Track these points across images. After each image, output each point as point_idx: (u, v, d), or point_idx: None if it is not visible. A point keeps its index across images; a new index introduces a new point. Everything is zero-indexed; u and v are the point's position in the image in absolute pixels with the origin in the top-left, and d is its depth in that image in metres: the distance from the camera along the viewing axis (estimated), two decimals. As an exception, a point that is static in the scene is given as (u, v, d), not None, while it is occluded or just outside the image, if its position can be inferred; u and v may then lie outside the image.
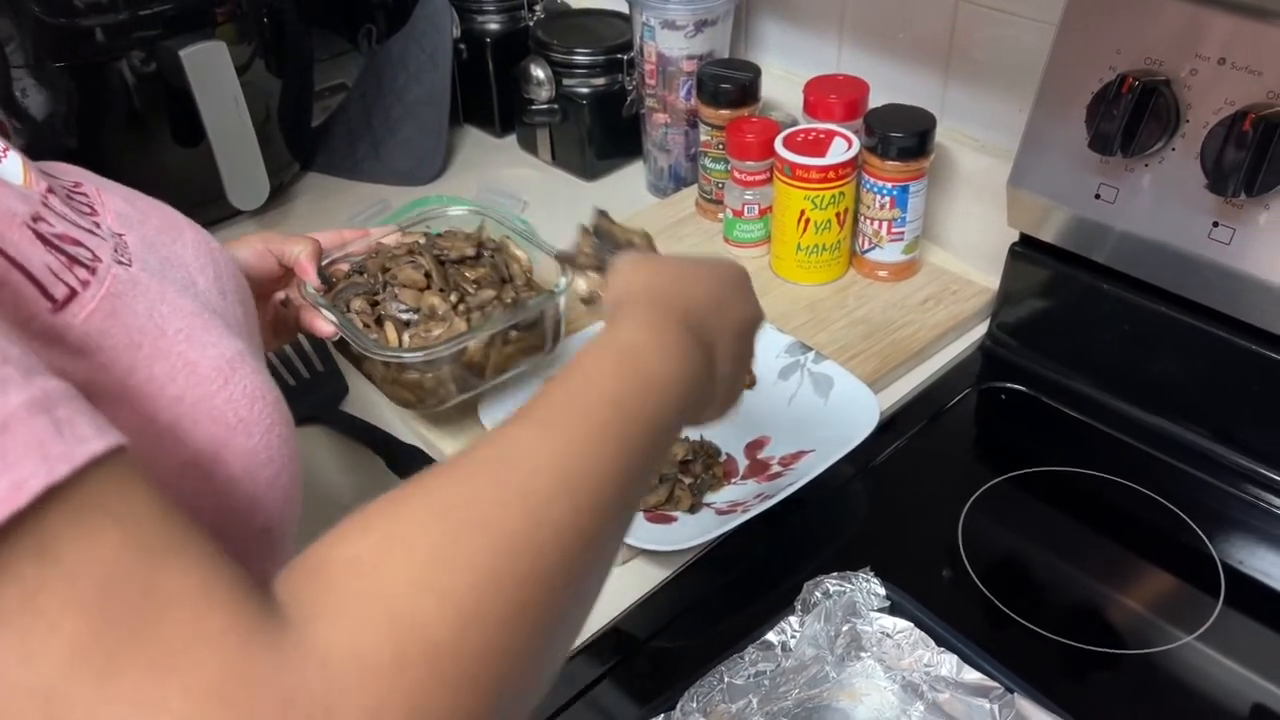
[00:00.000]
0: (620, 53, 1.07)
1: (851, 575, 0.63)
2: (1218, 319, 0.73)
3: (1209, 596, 0.67)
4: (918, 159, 0.87)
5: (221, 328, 0.47)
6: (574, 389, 0.44)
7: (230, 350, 0.46)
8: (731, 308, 0.55)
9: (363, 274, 0.75)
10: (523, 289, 0.77)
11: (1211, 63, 0.67)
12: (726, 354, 0.53)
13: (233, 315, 0.52)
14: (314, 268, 0.72)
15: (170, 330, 0.44)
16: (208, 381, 0.44)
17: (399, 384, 0.75)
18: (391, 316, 0.73)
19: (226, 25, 0.98)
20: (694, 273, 0.56)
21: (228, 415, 0.44)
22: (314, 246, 0.73)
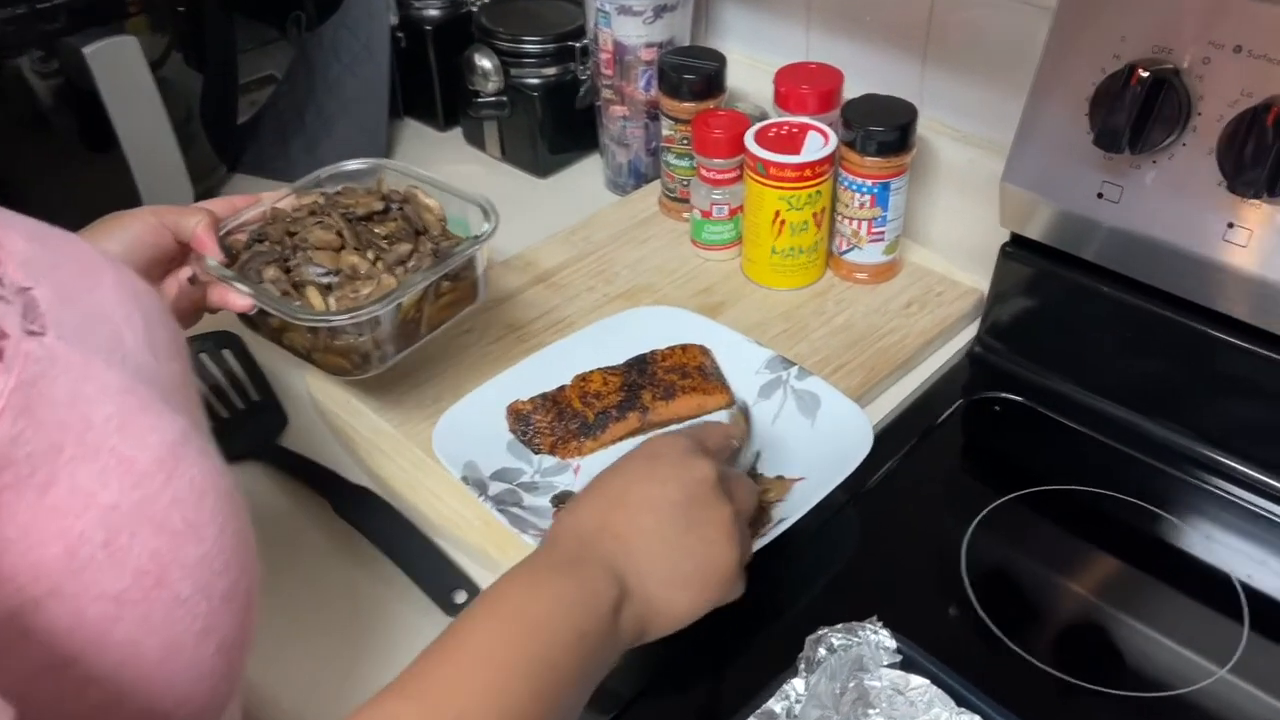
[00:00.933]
0: (572, 40, 1.00)
1: (857, 627, 0.57)
2: (1231, 325, 0.68)
3: (1233, 622, 0.63)
4: (899, 154, 0.81)
5: (160, 403, 0.39)
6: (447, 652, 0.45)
7: (172, 433, 0.38)
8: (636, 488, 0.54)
9: (264, 242, 0.71)
10: (440, 239, 0.74)
11: (1226, 50, 0.62)
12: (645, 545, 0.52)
13: (168, 378, 0.44)
14: (213, 240, 0.67)
15: (99, 420, 0.36)
16: (148, 480, 0.37)
17: (331, 351, 0.70)
18: (310, 281, 0.69)
19: (138, 17, 0.88)
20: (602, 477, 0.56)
21: (173, 520, 0.37)
22: (210, 218, 0.68)
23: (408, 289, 0.68)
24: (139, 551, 0.35)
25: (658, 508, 0.53)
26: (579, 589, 0.49)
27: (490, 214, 0.73)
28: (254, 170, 1.08)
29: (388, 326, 0.69)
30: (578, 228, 0.95)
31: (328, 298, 0.68)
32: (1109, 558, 0.68)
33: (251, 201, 0.73)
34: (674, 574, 0.52)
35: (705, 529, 0.53)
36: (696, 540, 0.53)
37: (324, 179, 0.77)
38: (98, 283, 0.45)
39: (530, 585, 0.48)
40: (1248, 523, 0.69)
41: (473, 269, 0.74)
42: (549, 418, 0.73)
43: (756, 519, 0.66)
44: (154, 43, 0.91)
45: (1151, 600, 0.65)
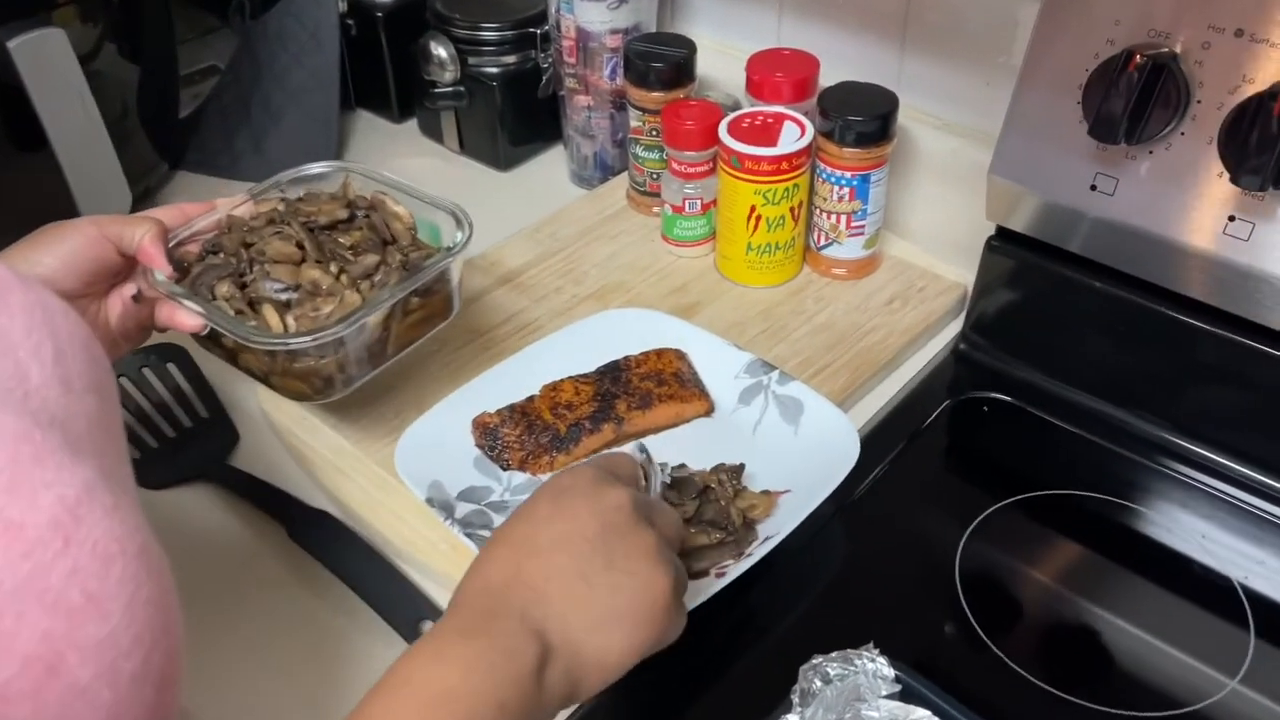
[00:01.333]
0: (533, 26, 0.95)
1: (853, 655, 0.54)
2: (1230, 321, 0.65)
3: (1239, 630, 0.60)
4: (879, 144, 0.77)
5: (62, 452, 0.34)
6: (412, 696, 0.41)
7: (74, 489, 0.33)
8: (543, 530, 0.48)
9: (219, 254, 0.66)
10: (410, 249, 0.68)
11: (1227, 34, 0.59)
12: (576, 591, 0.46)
13: (81, 415, 0.39)
14: (161, 252, 0.61)
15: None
16: (40, 548, 0.32)
17: (290, 375, 0.65)
18: (267, 298, 0.63)
19: (67, 7, 0.82)
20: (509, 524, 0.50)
21: (71, 595, 0.32)
22: (157, 228, 0.62)
23: (374, 307, 0.63)
24: (27, 635, 0.31)
25: (572, 545, 0.46)
26: (492, 652, 0.43)
27: (463, 222, 0.68)
28: (197, 167, 1.03)
29: (352, 348, 0.64)
30: (543, 224, 0.91)
31: (286, 316, 0.63)
32: (1106, 566, 0.65)
33: (206, 209, 0.67)
34: (601, 616, 0.46)
35: (629, 561, 0.47)
36: (622, 574, 0.47)
37: (284, 183, 0.71)
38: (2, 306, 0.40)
39: (435, 657, 0.43)
40: (1246, 525, 0.67)
41: (445, 282, 0.68)
42: (518, 431, 0.68)
43: (740, 537, 0.62)
44: (85, 34, 0.85)
45: (1156, 610, 0.62)
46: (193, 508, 0.69)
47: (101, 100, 0.84)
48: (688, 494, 0.63)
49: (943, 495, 0.71)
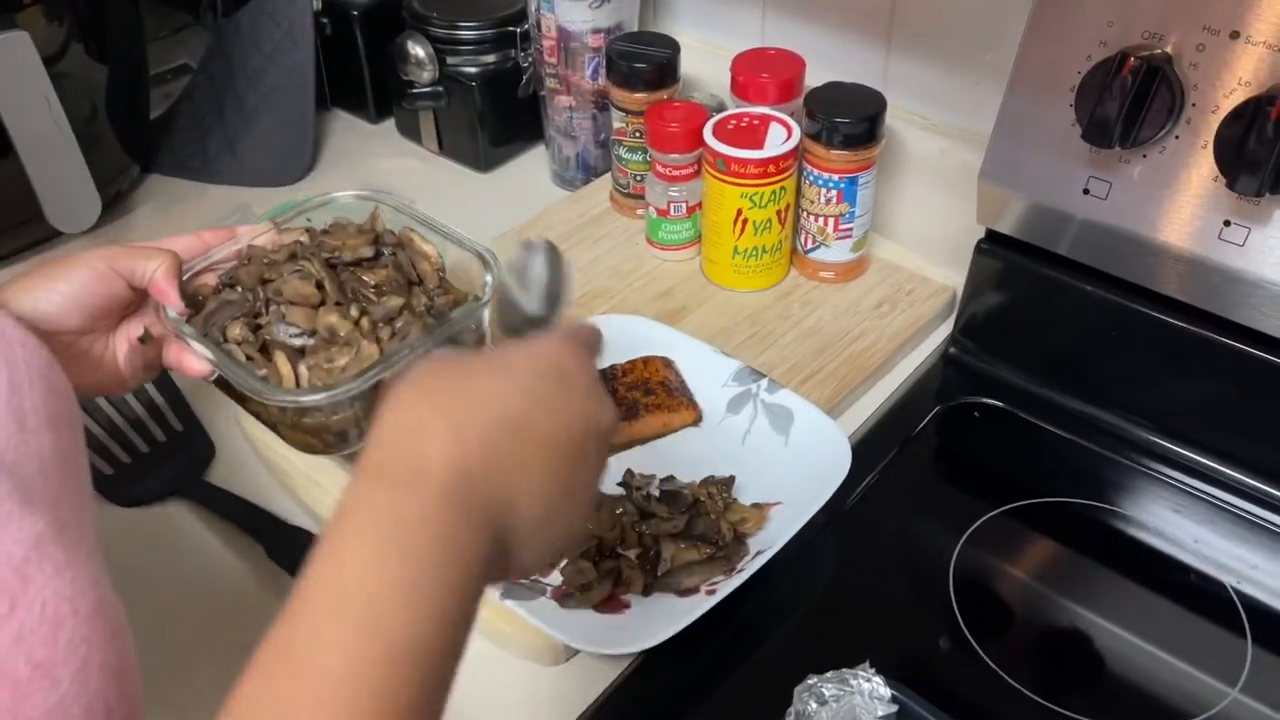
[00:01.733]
0: (512, 25, 0.93)
1: (849, 675, 0.53)
2: (1224, 326, 0.65)
3: (1235, 637, 0.60)
4: (867, 146, 0.76)
5: (11, 503, 0.33)
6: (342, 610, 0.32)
7: (21, 546, 0.32)
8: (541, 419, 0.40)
9: (235, 287, 0.61)
10: (436, 292, 0.63)
11: (1222, 37, 0.58)
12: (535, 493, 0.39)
13: (34, 455, 0.37)
14: (174, 288, 0.58)
15: None
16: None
17: (299, 429, 0.60)
18: (281, 343, 0.59)
19: (32, 9, 0.80)
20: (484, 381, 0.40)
21: (17, 664, 0.30)
22: (171, 260, 0.58)
23: (389, 363, 0.57)
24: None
25: (552, 453, 0.40)
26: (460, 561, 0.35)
27: (492, 266, 0.62)
28: (170, 170, 1.00)
29: (365, 404, 0.58)
30: (525, 227, 0.89)
31: (299, 365, 0.58)
32: (1100, 574, 0.64)
33: (226, 237, 0.62)
34: (538, 536, 0.40)
35: (581, 490, 0.42)
36: (570, 504, 0.41)
37: (310, 209, 0.66)
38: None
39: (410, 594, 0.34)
40: (1239, 531, 0.66)
41: (475, 330, 0.63)
42: (502, 444, 0.67)
43: (730, 551, 0.61)
44: (50, 34, 0.83)
45: (1153, 619, 0.62)
46: (168, 526, 0.67)
47: (68, 102, 0.82)
48: (678, 508, 0.61)
49: (935, 504, 0.70)
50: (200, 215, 0.94)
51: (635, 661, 0.59)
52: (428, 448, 0.37)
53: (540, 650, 0.59)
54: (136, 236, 0.93)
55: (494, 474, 0.37)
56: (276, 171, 0.98)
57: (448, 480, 0.36)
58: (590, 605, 0.59)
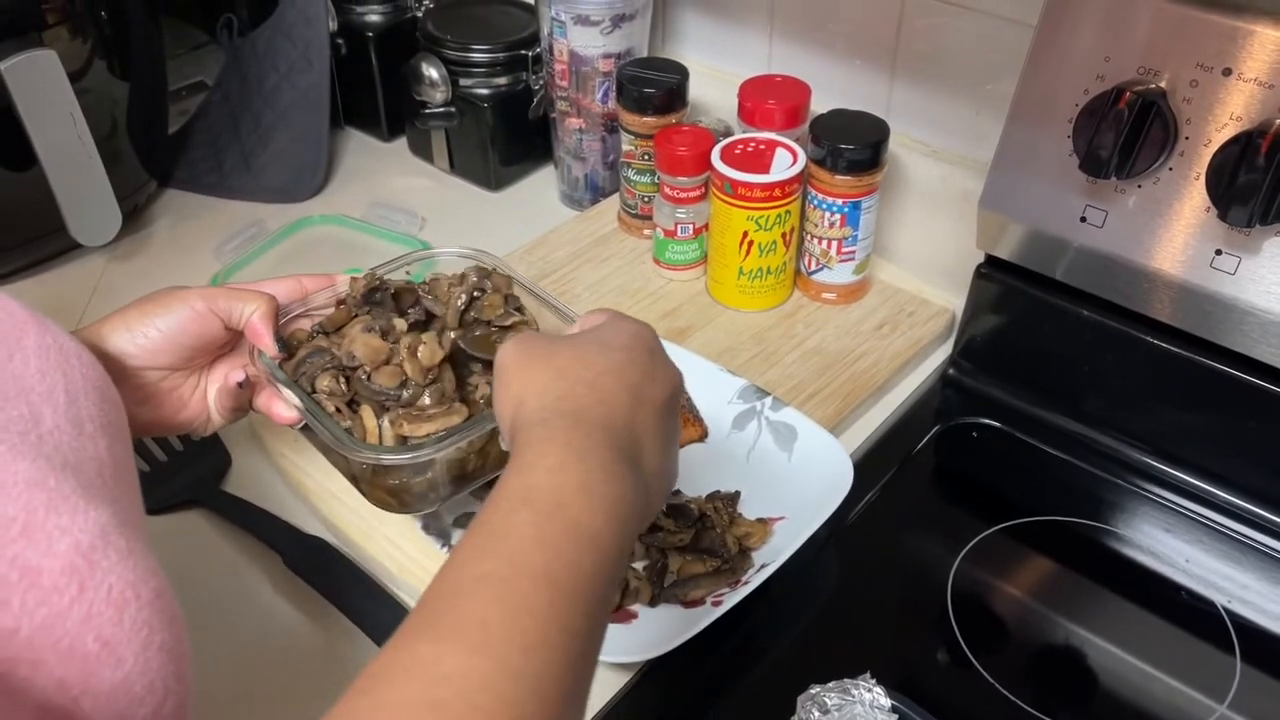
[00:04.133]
0: (524, 48, 0.95)
1: (850, 685, 0.54)
2: (1216, 352, 0.67)
3: (1225, 654, 0.62)
4: (870, 172, 0.78)
5: (77, 496, 0.35)
6: (498, 575, 0.36)
7: (89, 533, 0.34)
8: (649, 388, 0.47)
9: (328, 334, 0.61)
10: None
11: (1215, 73, 0.60)
12: (655, 448, 0.46)
13: (94, 457, 0.39)
14: (270, 331, 0.59)
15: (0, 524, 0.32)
16: (55, 595, 0.32)
17: (379, 486, 0.60)
18: (369, 398, 0.59)
19: (58, 27, 0.82)
20: (597, 358, 0.47)
21: (85, 641, 0.32)
22: (268, 304, 0.59)
23: (476, 427, 0.57)
24: (42, 684, 0.31)
25: (659, 413, 0.47)
26: (627, 495, 0.42)
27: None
28: (186, 185, 1.02)
29: (449, 466, 0.59)
30: (534, 245, 0.91)
31: (382, 420, 0.58)
32: (1095, 592, 0.66)
33: (325, 284, 0.63)
34: (658, 483, 0.47)
35: (675, 443, 0.49)
36: (672, 455, 0.48)
37: (411, 261, 0.67)
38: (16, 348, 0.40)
39: (584, 487, 0.40)
40: (1231, 553, 0.68)
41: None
42: (513, 457, 0.69)
43: (735, 565, 0.63)
44: (75, 51, 0.85)
45: (1145, 636, 0.63)
46: (185, 534, 0.69)
47: (91, 117, 0.84)
48: (684, 521, 0.63)
49: (934, 521, 0.72)
50: (216, 230, 0.96)
51: (641, 670, 0.60)
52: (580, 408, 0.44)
53: (549, 658, 0.60)
54: (152, 250, 0.95)
55: (631, 426, 0.45)
56: (290, 188, 1.00)
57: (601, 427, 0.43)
58: (599, 615, 0.60)
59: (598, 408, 0.44)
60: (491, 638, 0.34)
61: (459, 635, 0.34)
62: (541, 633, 0.35)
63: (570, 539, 0.38)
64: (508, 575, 0.36)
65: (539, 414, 0.44)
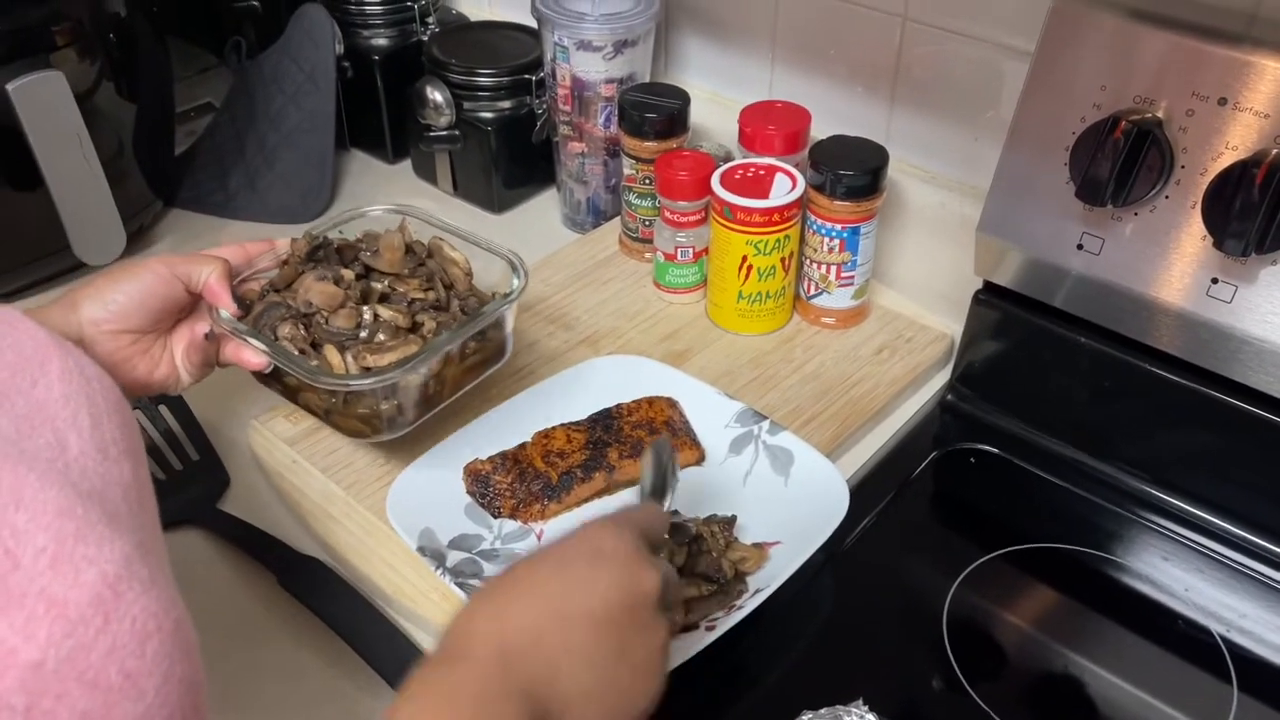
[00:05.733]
0: (528, 73, 0.96)
1: (843, 712, 0.54)
2: (1212, 380, 0.67)
3: (1222, 683, 0.61)
4: (869, 198, 0.79)
5: (103, 525, 0.35)
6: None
7: (114, 564, 0.34)
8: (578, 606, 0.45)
9: (278, 291, 0.68)
10: (468, 296, 0.71)
11: (1211, 103, 0.60)
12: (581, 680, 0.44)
13: (117, 483, 0.39)
14: (227, 291, 0.64)
15: (27, 558, 0.32)
16: (82, 626, 0.32)
17: (350, 415, 0.67)
18: (329, 338, 0.66)
19: (66, 49, 0.83)
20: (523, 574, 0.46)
21: (109, 673, 0.32)
22: (223, 267, 0.65)
23: (433, 351, 0.65)
24: (66, 716, 0.31)
25: (596, 625, 0.44)
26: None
27: (519, 269, 0.71)
28: (192, 205, 1.03)
29: (412, 391, 0.67)
30: (536, 268, 0.91)
31: (346, 356, 0.65)
32: (1091, 619, 0.66)
33: (266, 248, 0.70)
34: (594, 708, 0.44)
35: (637, 656, 0.46)
36: (627, 671, 0.45)
37: (342, 222, 0.74)
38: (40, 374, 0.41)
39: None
40: (1227, 579, 0.67)
41: (500, 328, 0.71)
42: (510, 478, 0.69)
43: (730, 589, 0.63)
44: (82, 72, 0.86)
45: (1140, 663, 0.63)
46: (181, 553, 0.69)
47: (97, 137, 0.85)
48: (680, 538, 0.63)
49: (931, 547, 0.71)
50: (220, 250, 0.96)
51: (635, 695, 0.60)
52: (474, 631, 0.44)
53: (543, 682, 0.60)
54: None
55: (537, 652, 0.43)
56: (295, 208, 1.01)
57: (487, 659, 0.42)
58: (593, 638, 0.60)
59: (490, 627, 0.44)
60: None
61: None
62: None
63: None
64: None
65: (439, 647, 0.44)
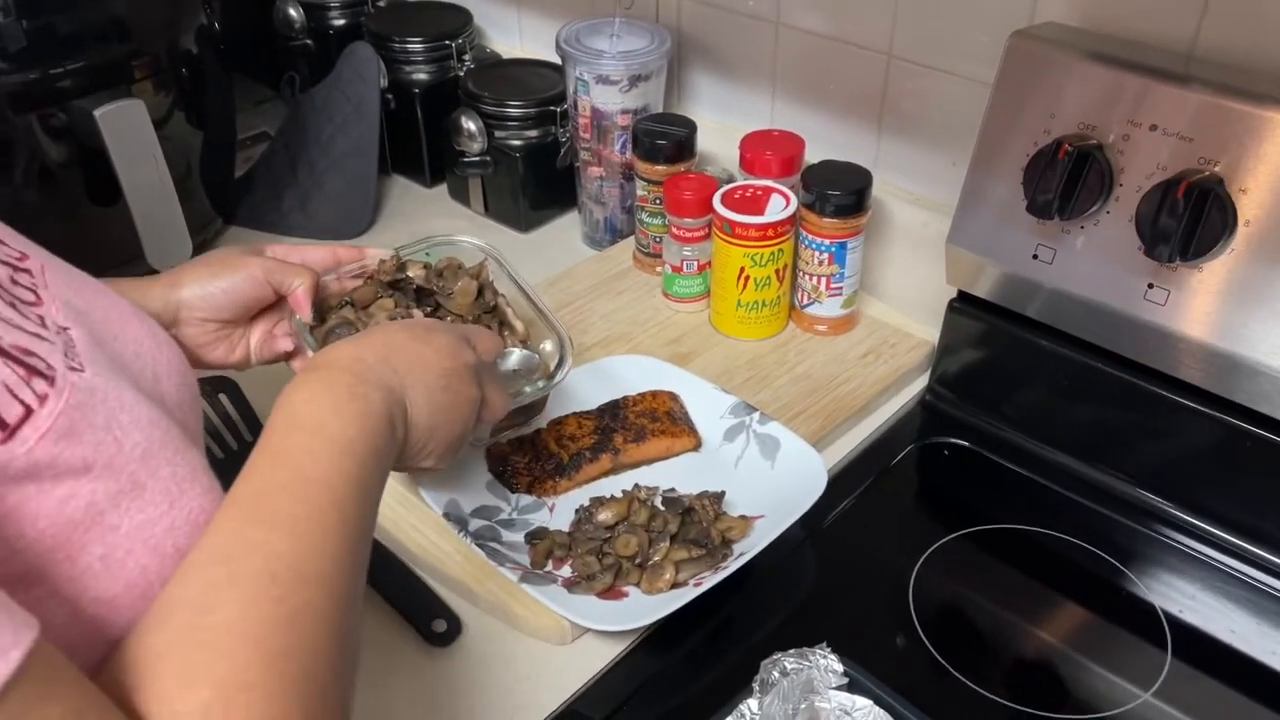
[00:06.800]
0: (553, 104, 1.06)
1: (808, 652, 0.62)
2: (1153, 375, 0.74)
3: (1158, 650, 0.68)
4: (855, 216, 0.87)
5: (180, 439, 0.45)
6: (291, 482, 0.46)
7: (184, 467, 0.44)
8: (416, 351, 0.57)
9: (353, 307, 0.73)
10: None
11: (1144, 128, 0.69)
12: (423, 393, 0.56)
13: (190, 420, 0.49)
14: (309, 302, 0.71)
15: (128, 445, 0.42)
16: (151, 506, 0.42)
17: None
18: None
19: (144, 81, 0.94)
20: (376, 330, 0.60)
21: (165, 545, 0.42)
22: (312, 280, 0.71)
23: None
24: (131, 566, 0.40)
25: (429, 364, 0.57)
26: (371, 409, 0.52)
27: (567, 353, 0.74)
28: (248, 223, 1.14)
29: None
30: (557, 279, 1.01)
31: None
32: (1046, 591, 0.73)
33: (356, 256, 0.75)
34: (429, 420, 0.57)
35: (456, 397, 0.59)
36: (450, 404, 0.58)
37: (433, 244, 0.79)
38: (120, 332, 0.51)
39: (334, 408, 0.50)
40: (1171, 558, 0.75)
41: (543, 404, 0.77)
42: (526, 458, 0.78)
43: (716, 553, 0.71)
44: (158, 103, 0.96)
45: (1084, 630, 0.71)
46: (238, 519, 0.78)
47: (169, 160, 0.95)
48: (675, 509, 0.72)
49: (903, 525, 0.79)
50: (273, 262, 1.07)
51: (631, 645, 0.68)
52: (335, 354, 0.55)
53: (550, 630, 0.68)
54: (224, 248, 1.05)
55: (387, 365, 0.55)
56: (341, 227, 1.11)
57: (349, 364, 0.54)
58: (594, 593, 0.69)
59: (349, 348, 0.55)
60: (299, 528, 0.43)
61: (277, 525, 0.43)
62: (329, 521, 0.45)
63: (332, 448, 0.48)
64: (297, 481, 0.46)
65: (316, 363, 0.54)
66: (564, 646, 0.69)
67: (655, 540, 0.71)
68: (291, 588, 0.41)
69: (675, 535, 0.71)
